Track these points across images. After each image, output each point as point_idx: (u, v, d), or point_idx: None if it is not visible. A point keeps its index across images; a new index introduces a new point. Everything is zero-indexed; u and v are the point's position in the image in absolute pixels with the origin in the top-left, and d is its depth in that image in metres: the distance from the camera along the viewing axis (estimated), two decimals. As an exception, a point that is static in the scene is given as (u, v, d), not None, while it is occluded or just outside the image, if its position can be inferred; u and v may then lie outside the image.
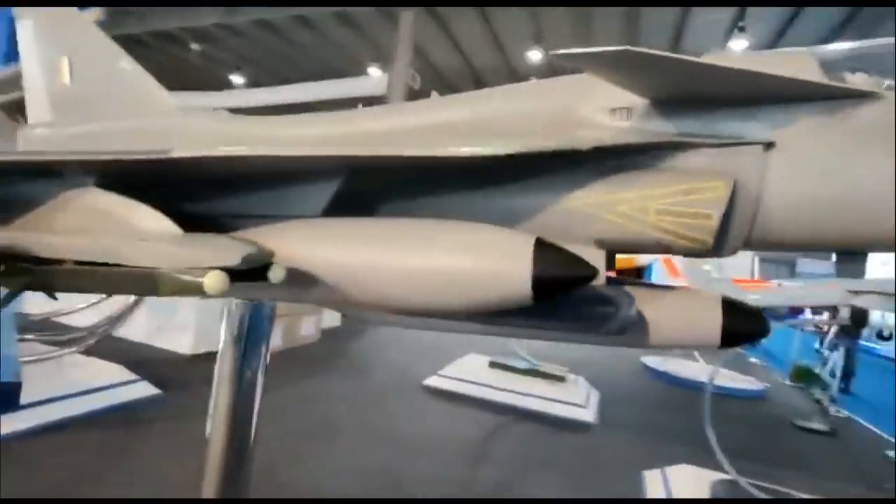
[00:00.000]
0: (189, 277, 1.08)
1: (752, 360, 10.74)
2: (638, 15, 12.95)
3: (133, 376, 4.72)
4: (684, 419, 6.48)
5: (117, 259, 1.19)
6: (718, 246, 1.20)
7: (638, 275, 14.26)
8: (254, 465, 2.17)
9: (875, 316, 7.83)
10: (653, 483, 4.20)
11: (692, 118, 1.24)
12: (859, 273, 1.27)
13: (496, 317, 1.43)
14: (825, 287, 6.69)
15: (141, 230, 1.24)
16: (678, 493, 3.95)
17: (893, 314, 6.93)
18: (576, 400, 6.08)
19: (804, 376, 8.95)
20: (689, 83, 1.18)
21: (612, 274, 1.51)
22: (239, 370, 2.01)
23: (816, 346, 7.08)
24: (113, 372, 4.70)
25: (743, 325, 1.43)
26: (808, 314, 12.67)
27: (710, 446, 3.94)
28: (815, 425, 6.47)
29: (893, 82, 1.13)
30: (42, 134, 2.11)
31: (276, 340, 7.01)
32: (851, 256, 1.25)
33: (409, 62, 14.09)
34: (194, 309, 6.37)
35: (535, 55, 15.00)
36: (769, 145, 1.17)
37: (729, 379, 8.23)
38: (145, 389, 4.64)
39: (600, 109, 1.36)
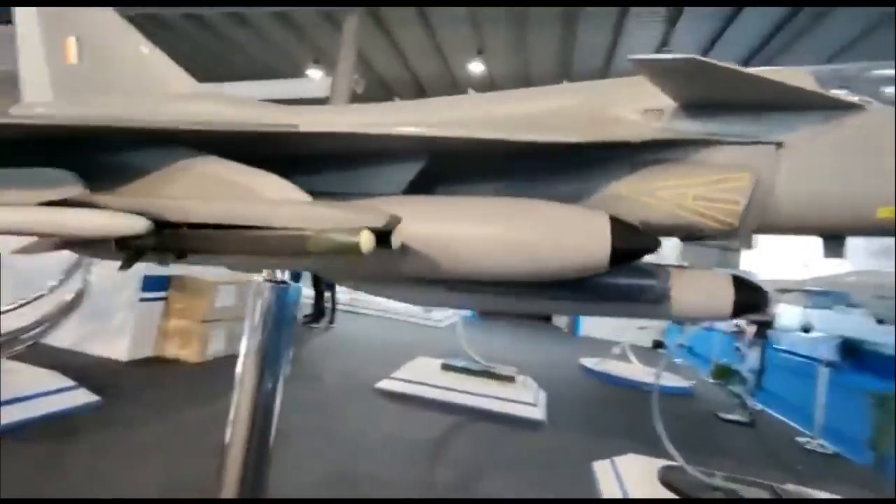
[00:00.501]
0: (342, 237, 1.18)
1: (678, 360, 11.56)
2: (574, 31, 13.60)
3: (70, 382, 4.39)
4: (625, 414, 6.90)
5: (265, 222, 1.26)
6: (737, 231, 1.40)
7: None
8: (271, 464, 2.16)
9: (797, 313, 8.54)
10: (603, 472, 4.45)
11: (714, 120, 1.44)
12: (839, 254, 1.51)
13: (558, 292, 1.64)
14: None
15: (268, 196, 1.31)
16: (628, 481, 4.21)
17: (811, 311, 7.62)
18: (526, 399, 6.30)
19: (724, 374, 9.74)
20: (729, 89, 1.37)
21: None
22: (262, 366, 2.02)
23: (737, 344, 7.72)
24: (47, 378, 4.35)
25: (750, 299, 1.68)
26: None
27: (651, 438, 4.26)
28: (737, 417, 7.09)
29: (870, 99, 1.37)
30: (43, 113, 2.01)
31: (219, 345, 6.74)
32: (834, 240, 1.49)
33: (353, 66, 14.02)
34: (132, 312, 6.01)
35: (476, 66, 15.32)
36: (779, 145, 1.39)
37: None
38: (84, 396, 4.33)
39: (634, 110, 1.53)
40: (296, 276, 11.12)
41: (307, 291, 11.15)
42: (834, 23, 11.62)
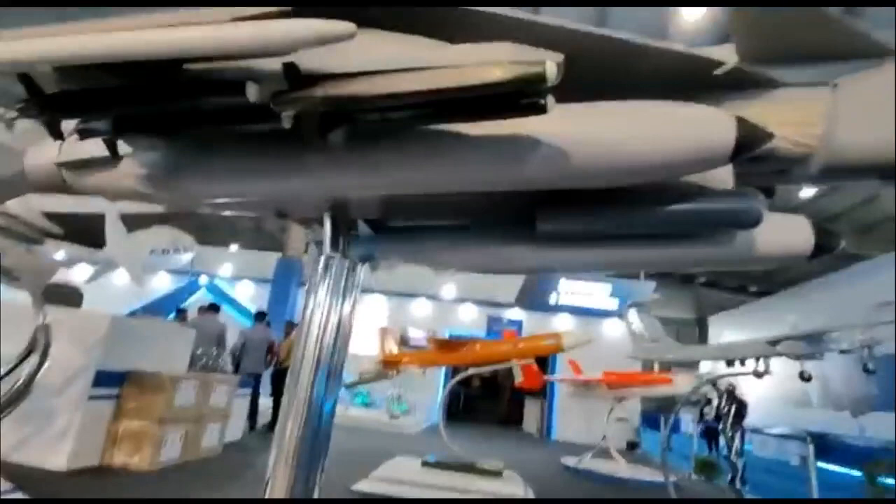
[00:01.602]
0: (532, 68, 1.20)
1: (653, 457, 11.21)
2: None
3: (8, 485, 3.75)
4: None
5: (451, 62, 1.28)
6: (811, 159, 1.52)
7: (543, 393, 14.70)
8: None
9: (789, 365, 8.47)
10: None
11: (778, 69, 1.61)
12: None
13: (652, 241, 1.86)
14: (741, 347, 7.40)
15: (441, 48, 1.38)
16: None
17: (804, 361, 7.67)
18: (517, 493, 5.83)
19: (706, 468, 9.50)
20: (807, 32, 1.54)
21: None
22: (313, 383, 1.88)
23: (720, 427, 7.61)
24: (-24, 482, 3.70)
25: (828, 240, 1.84)
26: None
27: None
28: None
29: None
30: None
31: (173, 452, 6.03)
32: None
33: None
34: (78, 412, 5.36)
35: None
36: (835, 86, 1.60)
37: (642, 473, 8.47)
38: None
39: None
40: (256, 386, 10.44)
41: (264, 401, 10.42)
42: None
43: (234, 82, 1.28)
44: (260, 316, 11.01)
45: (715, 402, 7.83)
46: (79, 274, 9.73)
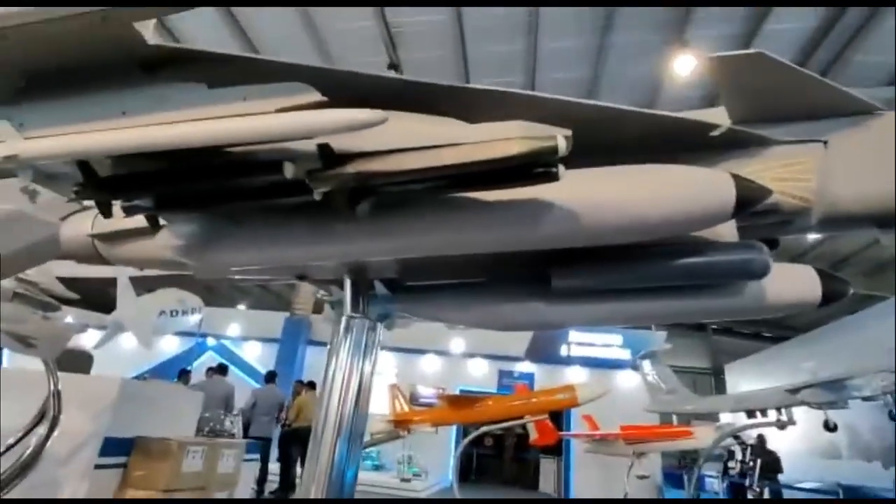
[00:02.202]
0: (544, 142, 1.32)
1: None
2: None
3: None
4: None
5: (465, 139, 1.39)
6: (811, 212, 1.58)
7: (558, 450, 14.24)
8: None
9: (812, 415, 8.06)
10: None
11: (769, 127, 1.70)
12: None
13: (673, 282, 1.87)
14: (761, 397, 7.15)
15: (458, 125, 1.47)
16: None
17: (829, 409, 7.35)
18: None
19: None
20: (785, 85, 1.64)
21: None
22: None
23: (746, 482, 7.25)
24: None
25: (836, 287, 1.90)
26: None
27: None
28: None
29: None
30: None
31: (180, 523, 5.80)
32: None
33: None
34: (84, 482, 5.22)
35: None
36: (825, 143, 1.69)
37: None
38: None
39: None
40: (265, 450, 10.26)
41: (273, 467, 10.12)
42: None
43: (272, 162, 1.38)
44: (270, 376, 10.89)
45: (739, 456, 7.51)
46: (88, 338, 9.74)
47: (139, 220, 1.82)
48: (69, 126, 1.35)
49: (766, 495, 6.91)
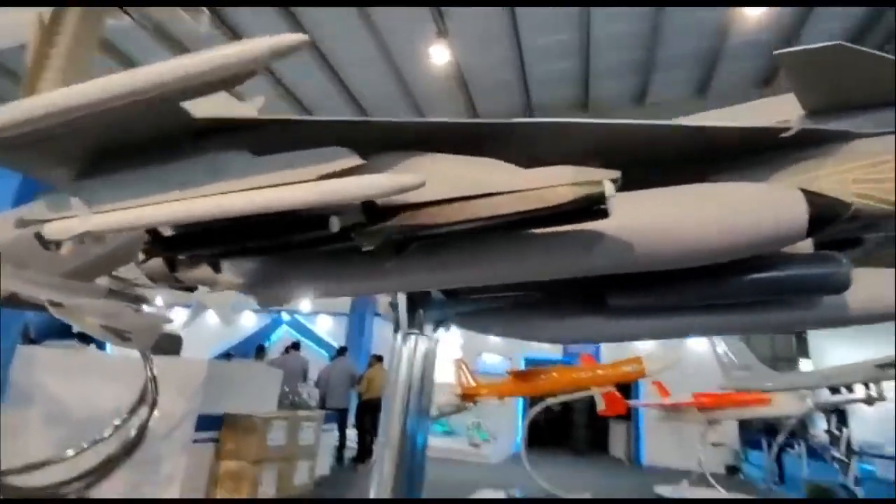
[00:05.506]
0: (590, 188, 1.28)
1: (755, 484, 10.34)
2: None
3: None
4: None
5: (508, 187, 1.34)
6: None
7: (628, 416, 14.06)
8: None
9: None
10: None
11: (846, 119, 1.52)
12: None
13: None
14: (846, 372, 6.70)
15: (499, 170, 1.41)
16: None
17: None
18: (610, 530, 5.59)
19: (819, 494, 8.63)
20: (868, 78, 1.45)
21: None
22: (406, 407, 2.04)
23: (833, 453, 6.87)
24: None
25: None
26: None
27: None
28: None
29: None
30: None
31: (269, 489, 6.31)
32: None
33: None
34: (184, 455, 5.77)
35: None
36: None
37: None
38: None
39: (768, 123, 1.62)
40: (342, 419, 10.75)
41: (350, 433, 10.71)
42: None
43: (320, 217, 1.44)
44: (342, 350, 11.43)
45: (824, 426, 7.11)
46: (175, 318, 10.56)
47: None
48: (131, 200, 1.47)
49: (854, 467, 6.54)
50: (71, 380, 6.13)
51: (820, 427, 7.64)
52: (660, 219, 1.40)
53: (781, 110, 1.58)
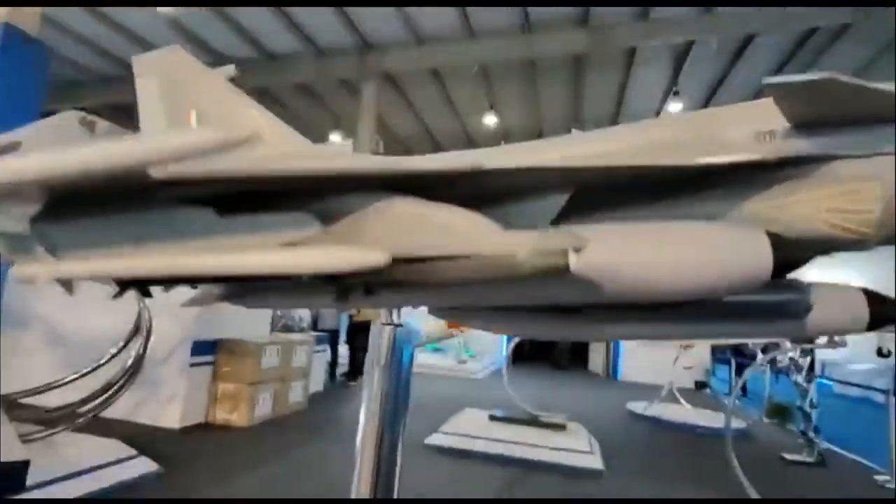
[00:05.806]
0: (552, 259, 1.28)
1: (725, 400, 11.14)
2: (583, 81, 14.08)
3: (132, 451, 4.40)
4: (685, 458, 6.63)
5: (474, 251, 1.34)
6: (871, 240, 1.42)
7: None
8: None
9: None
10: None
11: (830, 137, 1.46)
12: None
13: (706, 316, 1.73)
14: None
15: (465, 228, 1.40)
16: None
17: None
18: (581, 447, 6.09)
19: (780, 412, 9.34)
20: (855, 104, 1.38)
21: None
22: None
23: (795, 378, 7.38)
24: (110, 449, 4.37)
25: (885, 311, 1.69)
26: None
27: (720, 481, 4.03)
28: (804, 458, 6.72)
29: None
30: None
31: (265, 409, 6.71)
32: None
33: (374, 129, 14.58)
34: (183, 378, 6.07)
35: (490, 119, 15.81)
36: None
37: (711, 419, 8.48)
38: (145, 466, 4.33)
39: (748, 134, 1.55)
40: (334, 339, 11.09)
41: (342, 350, 11.19)
42: (842, 54, 11.85)
43: None
44: (332, 274, 11.58)
45: (791, 354, 7.53)
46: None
47: None
48: (94, 249, 1.48)
49: (812, 390, 7.05)
50: (65, 306, 6.26)
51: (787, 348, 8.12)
52: (623, 261, 1.37)
53: (773, 113, 1.50)
